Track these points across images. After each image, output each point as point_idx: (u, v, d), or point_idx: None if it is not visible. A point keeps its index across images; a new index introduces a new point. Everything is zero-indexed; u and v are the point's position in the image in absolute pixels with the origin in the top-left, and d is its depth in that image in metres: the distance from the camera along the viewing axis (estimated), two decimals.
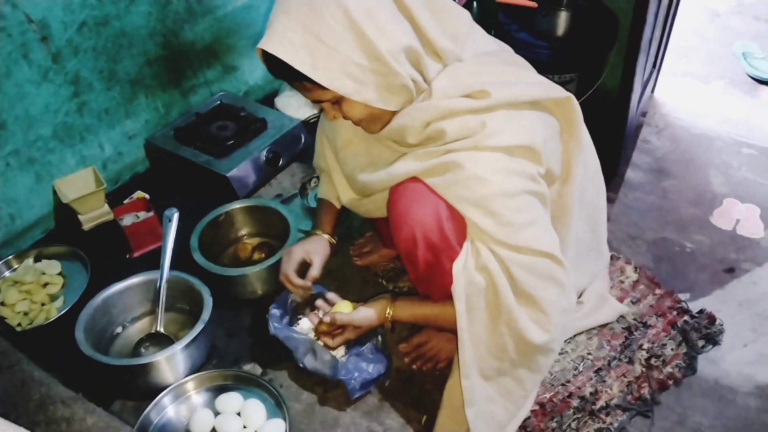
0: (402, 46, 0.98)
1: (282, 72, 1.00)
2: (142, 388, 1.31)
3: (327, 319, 1.25)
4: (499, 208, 1.02)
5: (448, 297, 1.11)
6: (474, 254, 1.07)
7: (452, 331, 1.13)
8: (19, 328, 1.46)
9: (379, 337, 1.34)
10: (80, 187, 1.73)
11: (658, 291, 1.51)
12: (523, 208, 1.03)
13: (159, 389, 1.30)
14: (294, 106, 2.05)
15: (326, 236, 1.38)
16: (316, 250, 1.33)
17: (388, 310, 1.24)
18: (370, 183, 1.18)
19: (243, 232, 1.69)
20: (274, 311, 1.35)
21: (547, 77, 1.14)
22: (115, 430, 0.80)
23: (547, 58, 1.71)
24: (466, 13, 1.10)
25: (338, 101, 1.05)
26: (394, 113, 1.08)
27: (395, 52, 0.97)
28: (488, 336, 1.11)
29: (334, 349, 1.35)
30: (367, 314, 1.24)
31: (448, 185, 1.04)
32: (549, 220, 1.10)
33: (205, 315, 1.34)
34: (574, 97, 1.11)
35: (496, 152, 1.02)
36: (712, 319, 1.46)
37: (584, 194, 1.21)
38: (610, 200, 1.46)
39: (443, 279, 1.10)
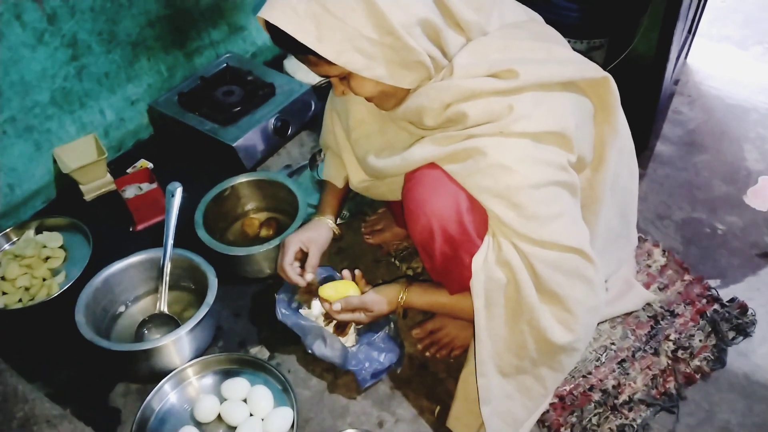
0: (418, 19, 0.88)
1: (286, 43, 0.92)
2: (146, 371, 1.27)
3: (337, 306, 1.18)
4: (524, 200, 0.93)
5: (465, 290, 1.03)
6: (495, 249, 0.98)
7: (469, 320, 1.06)
8: (20, 305, 1.41)
9: (392, 325, 1.27)
10: (81, 156, 1.66)
11: (687, 277, 1.43)
12: (549, 200, 0.95)
13: (164, 372, 1.26)
14: (304, 70, 1.95)
15: (328, 221, 1.30)
16: (312, 238, 1.25)
17: (401, 295, 1.17)
18: (384, 168, 1.09)
19: (249, 206, 1.62)
20: (282, 296, 1.29)
21: (575, 42, 1.02)
22: None
23: (575, 21, 1.60)
24: None
25: (347, 77, 0.97)
26: (409, 90, 0.98)
27: (410, 25, 0.88)
28: (507, 333, 1.04)
29: (344, 334, 1.29)
30: (379, 297, 1.17)
31: (469, 173, 0.95)
32: (578, 212, 1.01)
33: (210, 298, 1.29)
34: (611, 78, 1.00)
35: (522, 139, 0.93)
36: (743, 308, 1.38)
37: (617, 180, 1.12)
38: (639, 177, 1.36)
39: (461, 273, 1.02)
